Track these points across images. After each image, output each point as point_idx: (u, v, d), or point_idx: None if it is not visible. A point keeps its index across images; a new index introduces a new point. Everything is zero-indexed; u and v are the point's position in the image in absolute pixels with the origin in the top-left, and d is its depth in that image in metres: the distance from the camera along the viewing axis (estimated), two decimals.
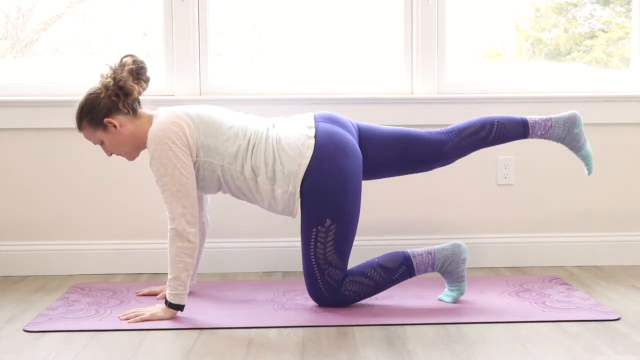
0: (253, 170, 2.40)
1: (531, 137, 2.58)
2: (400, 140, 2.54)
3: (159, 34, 3.13)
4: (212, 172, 2.43)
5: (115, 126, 2.40)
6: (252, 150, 2.41)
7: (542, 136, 2.57)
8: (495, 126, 2.55)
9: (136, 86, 2.40)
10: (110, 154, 2.50)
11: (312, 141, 2.40)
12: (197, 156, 2.40)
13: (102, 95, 2.40)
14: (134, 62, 2.41)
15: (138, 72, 2.41)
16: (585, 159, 2.61)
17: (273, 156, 2.40)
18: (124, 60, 2.42)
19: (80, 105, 2.42)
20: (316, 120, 2.48)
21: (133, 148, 2.47)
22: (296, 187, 2.39)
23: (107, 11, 3.26)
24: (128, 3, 3.28)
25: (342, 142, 2.43)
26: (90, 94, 2.42)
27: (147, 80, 2.45)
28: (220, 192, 2.55)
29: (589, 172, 2.62)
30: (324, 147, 2.40)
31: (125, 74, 2.39)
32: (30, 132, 3.03)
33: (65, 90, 3.02)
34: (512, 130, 2.56)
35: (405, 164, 2.57)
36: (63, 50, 3.34)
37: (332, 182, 2.39)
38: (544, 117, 2.58)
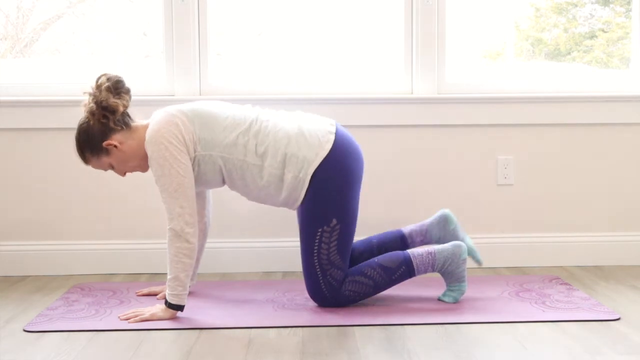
0: (258, 156, 2.40)
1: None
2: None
3: (159, 34, 3.13)
4: (213, 164, 2.42)
5: (115, 146, 2.40)
6: (256, 137, 2.40)
7: (421, 243, 2.64)
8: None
9: (119, 101, 2.39)
10: (124, 174, 2.50)
11: (332, 137, 2.44)
12: (195, 151, 2.40)
13: (92, 122, 2.40)
14: (109, 79, 2.39)
15: (116, 87, 2.40)
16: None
17: (288, 140, 2.39)
18: (99, 81, 2.40)
19: (76, 139, 2.43)
20: (336, 124, 2.53)
21: (141, 160, 2.46)
22: (307, 174, 2.39)
23: (107, 11, 3.26)
24: (128, 3, 3.27)
25: (355, 148, 2.49)
26: (81, 125, 2.42)
27: (127, 92, 2.43)
28: (221, 192, 2.55)
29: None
30: (340, 145, 2.43)
31: (104, 93, 2.37)
32: (30, 132, 3.02)
33: (65, 90, 3.02)
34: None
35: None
36: (63, 50, 3.34)
37: (341, 181, 2.40)
38: (417, 225, 2.67)
